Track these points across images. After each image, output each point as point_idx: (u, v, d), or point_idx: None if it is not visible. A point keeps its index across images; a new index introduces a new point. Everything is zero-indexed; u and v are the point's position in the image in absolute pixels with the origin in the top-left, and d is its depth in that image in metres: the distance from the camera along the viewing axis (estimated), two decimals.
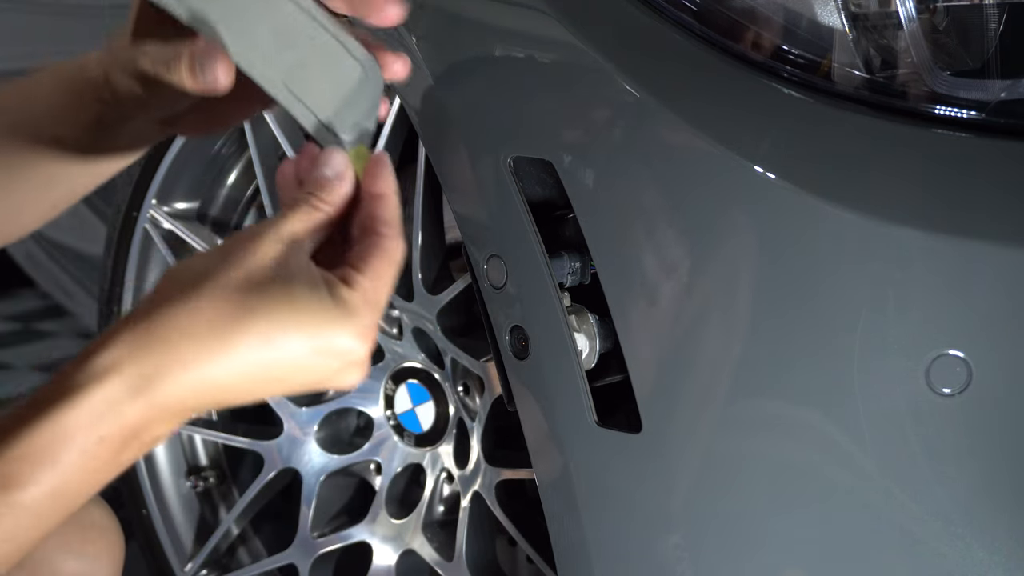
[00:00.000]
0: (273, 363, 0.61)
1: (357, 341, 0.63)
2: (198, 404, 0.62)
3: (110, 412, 0.59)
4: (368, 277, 0.65)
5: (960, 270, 0.75)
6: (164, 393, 0.60)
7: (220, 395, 0.62)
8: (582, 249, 0.91)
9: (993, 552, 0.77)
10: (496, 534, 1.26)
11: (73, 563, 0.98)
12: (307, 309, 0.62)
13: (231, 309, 0.61)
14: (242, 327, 0.60)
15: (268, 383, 0.63)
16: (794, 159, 0.80)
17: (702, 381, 0.84)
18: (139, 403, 0.60)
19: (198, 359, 0.60)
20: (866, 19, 0.82)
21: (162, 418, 0.61)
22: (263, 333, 0.61)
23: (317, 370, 0.63)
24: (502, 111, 0.93)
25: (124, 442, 0.60)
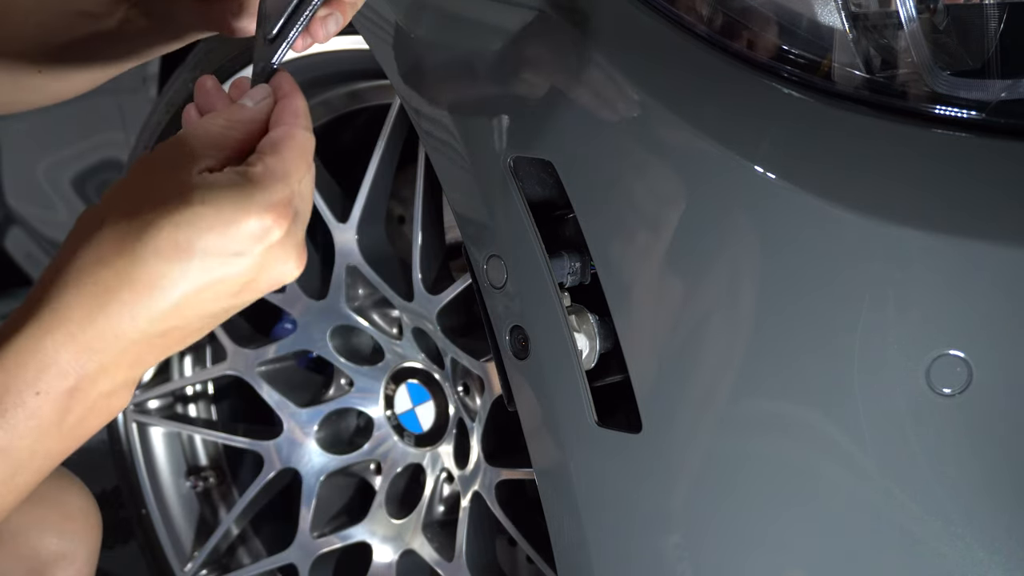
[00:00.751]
0: (193, 271, 0.59)
1: (269, 217, 0.60)
2: (138, 344, 0.59)
3: (42, 365, 0.58)
4: (271, 155, 0.63)
5: (960, 270, 0.75)
6: (98, 336, 0.58)
7: (156, 325, 0.59)
8: (582, 249, 0.91)
9: (993, 552, 0.77)
10: (496, 534, 1.26)
11: (53, 540, 0.99)
12: (205, 201, 0.59)
13: (133, 228, 0.59)
14: (148, 243, 0.58)
15: (198, 297, 0.60)
16: (794, 159, 0.80)
17: (702, 381, 0.84)
18: (77, 357, 0.58)
19: (115, 284, 0.58)
20: (866, 19, 0.82)
21: (104, 369, 0.59)
22: (171, 242, 0.58)
23: (242, 267, 0.60)
24: (502, 111, 0.93)
25: (67, 396, 0.58)
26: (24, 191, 2.39)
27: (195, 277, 0.59)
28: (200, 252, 0.59)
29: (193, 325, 0.61)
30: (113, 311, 0.58)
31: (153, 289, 0.58)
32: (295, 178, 0.62)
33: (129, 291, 0.58)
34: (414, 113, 1.01)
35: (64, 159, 2.17)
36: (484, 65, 0.95)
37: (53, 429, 0.59)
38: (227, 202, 0.59)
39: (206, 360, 1.58)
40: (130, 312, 0.58)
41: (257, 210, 0.60)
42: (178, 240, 0.58)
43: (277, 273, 0.62)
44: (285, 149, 0.63)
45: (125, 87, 1.80)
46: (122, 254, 0.58)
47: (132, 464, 1.55)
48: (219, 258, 0.59)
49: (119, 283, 0.58)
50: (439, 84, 0.97)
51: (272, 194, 0.60)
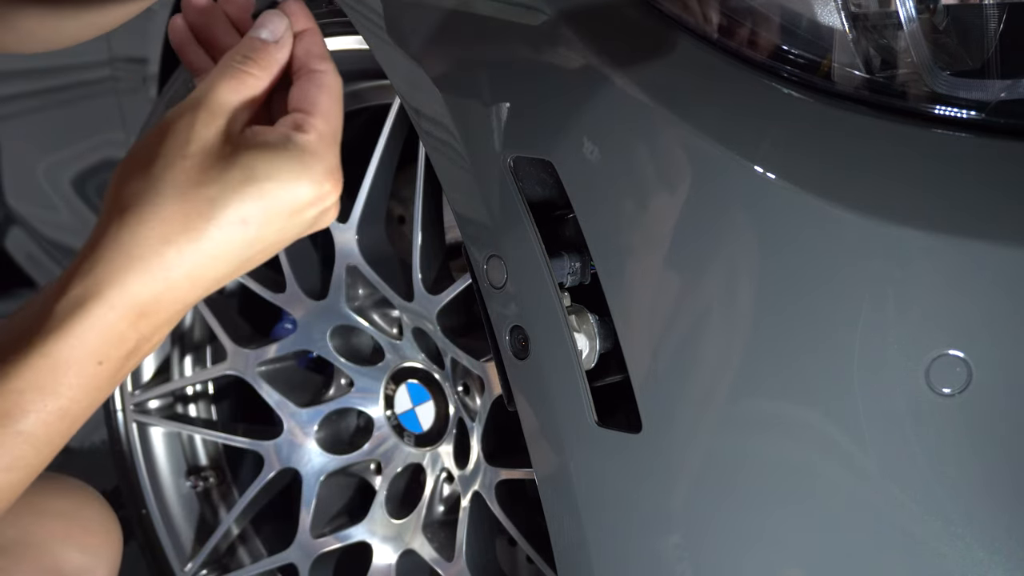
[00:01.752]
0: (255, 240, 0.61)
1: (327, 183, 0.62)
2: (195, 297, 0.62)
3: (105, 338, 0.59)
4: (318, 116, 0.63)
5: (960, 270, 0.75)
6: (156, 305, 0.60)
7: (212, 282, 0.61)
8: (582, 249, 0.91)
9: (993, 552, 0.77)
10: (496, 534, 1.26)
11: (76, 555, 0.99)
12: (269, 175, 0.60)
13: (197, 206, 0.60)
14: (214, 220, 0.60)
15: (253, 257, 0.62)
16: (794, 159, 0.80)
17: (702, 381, 0.84)
18: (136, 325, 0.60)
19: (182, 264, 0.59)
20: (866, 19, 0.82)
21: (158, 329, 0.61)
22: (236, 218, 0.60)
23: (297, 226, 0.63)
24: (502, 111, 0.93)
25: (125, 359, 0.61)
26: (24, 191, 2.39)
27: (255, 242, 0.61)
28: (263, 222, 0.61)
29: (246, 269, 0.63)
30: (177, 285, 0.60)
31: (217, 260, 0.60)
32: (339, 134, 0.64)
33: (194, 266, 0.60)
34: (414, 113, 1.01)
35: (64, 159, 2.17)
36: (484, 65, 0.95)
37: (106, 386, 0.61)
38: (288, 174, 0.61)
39: (206, 360, 1.58)
40: (191, 283, 0.60)
41: (317, 178, 0.61)
42: (244, 216, 0.60)
43: (321, 224, 0.65)
44: (326, 105, 0.64)
45: (125, 87, 1.80)
46: (188, 233, 0.60)
47: (132, 464, 1.55)
48: (278, 223, 0.61)
49: (186, 260, 0.60)
50: (439, 84, 0.97)
51: (327, 160, 0.62)
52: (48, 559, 0.97)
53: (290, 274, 1.34)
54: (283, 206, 0.61)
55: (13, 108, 2.26)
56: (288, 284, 1.34)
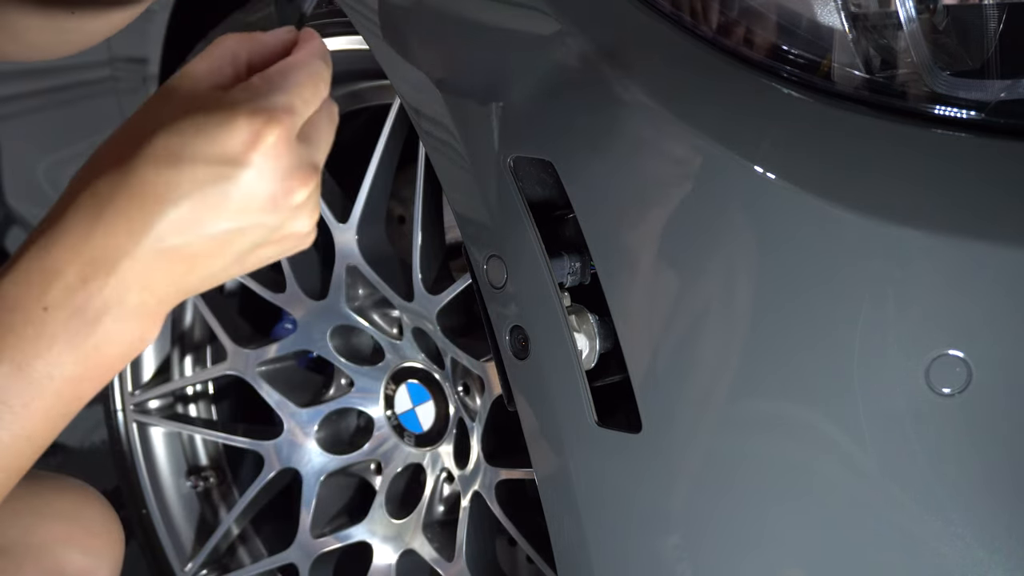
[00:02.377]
0: (185, 178, 0.57)
1: (257, 118, 0.58)
2: (141, 261, 0.57)
3: (46, 277, 0.57)
4: (270, 70, 0.61)
5: (960, 270, 0.75)
6: (92, 244, 0.57)
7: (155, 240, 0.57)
8: (582, 249, 0.91)
9: (993, 552, 0.77)
10: (496, 534, 1.26)
11: (78, 557, 0.99)
12: (202, 109, 0.58)
13: (131, 139, 0.58)
14: (142, 148, 0.57)
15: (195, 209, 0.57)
16: (794, 159, 0.80)
17: (702, 381, 0.84)
18: (72, 262, 0.57)
19: (110, 193, 0.57)
20: (866, 19, 0.82)
21: (109, 285, 0.57)
22: (161, 145, 0.57)
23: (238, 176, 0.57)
24: (502, 111, 0.93)
25: (76, 315, 0.57)
26: (24, 191, 2.40)
27: (188, 185, 0.57)
28: (190, 157, 0.57)
29: (197, 247, 0.59)
30: (110, 220, 0.57)
31: (146, 197, 0.57)
32: (296, 94, 0.60)
33: (124, 198, 0.57)
34: (414, 113, 1.01)
35: (64, 159, 2.17)
36: (484, 65, 0.95)
37: (66, 351, 0.58)
38: (218, 107, 0.58)
39: (206, 360, 1.59)
40: (126, 221, 0.57)
41: (246, 112, 0.58)
42: (169, 145, 0.57)
43: (276, 190, 0.59)
44: (290, 68, 0.61)
45: (125, 87, 1.80)
46: (118, 164, 0.58)
47: (132, 464, 1.55)
48: (211, 166, 0.57)
49: (113, 191, 0.57)
50: (439, 84, 0.97)
51: (265, 99, 0.59)
52: (50, 560, 0.97)
53: (290, 274, 1.34)
54: (208, 140, 0.57)
55: (13, 108, 2.27)
56: (288, 284, 1.34)
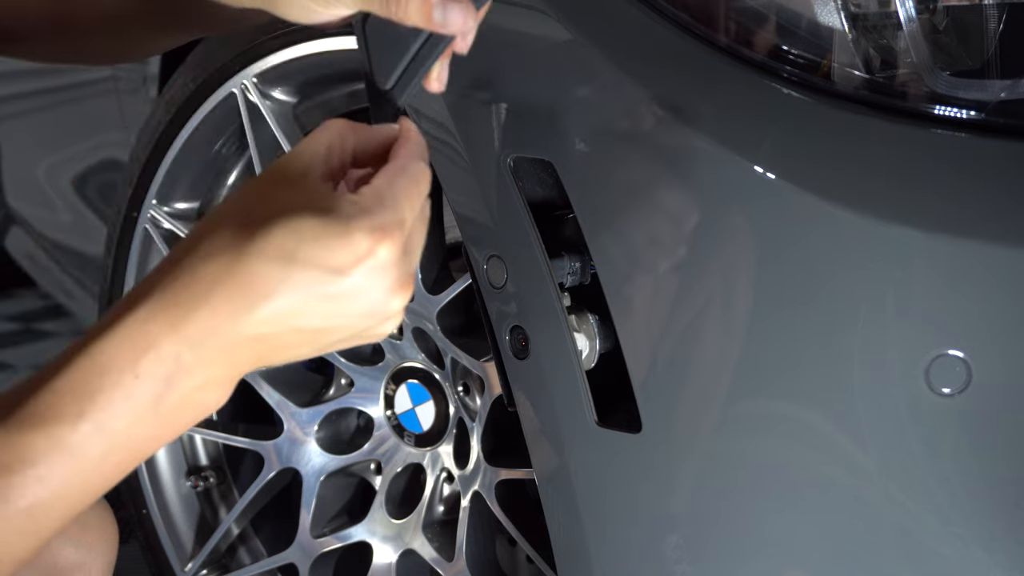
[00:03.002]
0: (293, 278, 0.59)
1: (373, 236, 0.60)
2: (234, 343, 0.60)
3: (140, 345, 0.59)
4: (379, 180, 0.63)
5: (960, 270, 0.75)
6: (193, 323, 0.59)
7: (253, 327, 0.60)
8: (582, 249, 0.91)
9: (993, 552, 0.77)
10: (496, 534, 1.26)
11: (71, 551, 0.99)
12: (318, 214, 0.60)
13: (246, 229, 0.60)
14: (256, 240, 0.59)
15: (294, 307, 0.60)
16: (794, 159, 0.80)
17: (702, 381, 0.84)
18: (170, 336, 0.59)
19: (219, 279, 0.59)
20: (866, 19, 0.82)
21: (201, 360, 0.60)
22: (275, 242, 0.59)
23: (341, 284, 0.60)
24: (502, 111, 0.93)
25: (164, 383, 0.60)
26: (24, 191, 2.40)
27: (294, 285, 0.60)
28: (302, 261, 0.59)
29: (287, 338, 0.62)
30: (214, 304, 0.59)
31: (255, 289, 0.59)
32: (405, 205, 0.63)
33: (232, 286, 0.59)
34: (414, 113, 1.01)
35: (64, 159, 2.17)
36: (484, 65, 0.95)
37: (148, 414, 0.60)
38: (336, 218, 0.60)
39: None
40: (229, 307, 0.59)
41: (363, 229, 0.60)
42: (284, 245, 0.59)
43: (377, 301, 0.62)
44: (396, 177, 0.64)
45: (125, 87, 1.80)
46: (229, 251, 0.60)
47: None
48: (320, 271, 0.60)
49: (223, 278, 0.59)
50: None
51: (379, 217, 0.61)
52: (43, 555, 0.97)
53: None
54: (323, 248, 0.60)
55: (13, 108, 2.27)
56: None
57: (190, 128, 1.37)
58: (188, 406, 0.62)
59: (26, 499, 0.59)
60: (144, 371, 0.59)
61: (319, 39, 1.20)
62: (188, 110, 1.37)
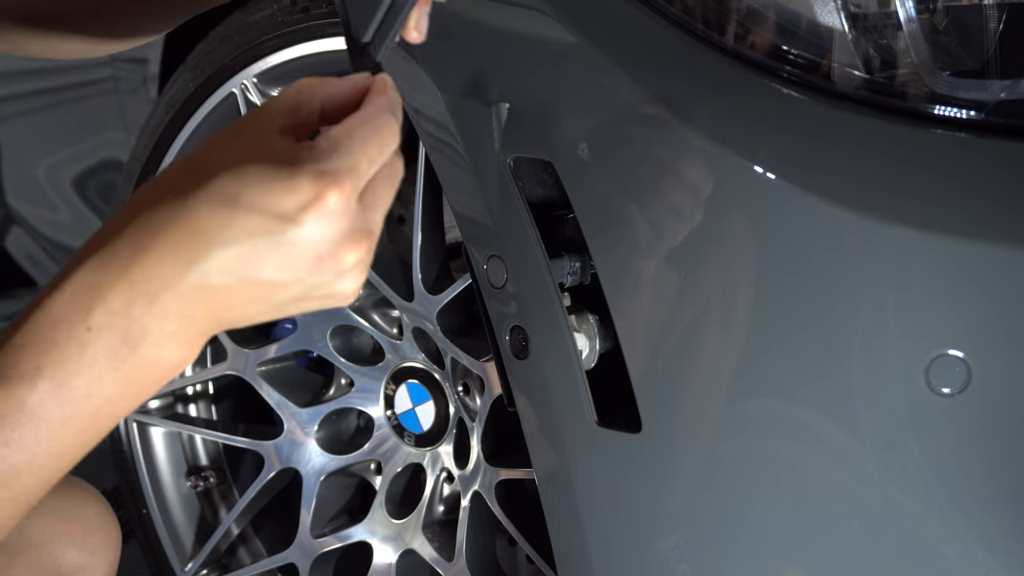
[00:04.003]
0: (237, 224, 0.57)
1: (320, 181, 0.58)
2: (185, 295, 0.58)
3: (91, 296, 0.58)
4: (335, 129, 0.61)
5: (960, 270, 0.75)
6: (139, 272, 0.58)
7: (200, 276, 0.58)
8: (582, 249, 0.91)
9: (993, 552, 0.77)
10: (496, 534, 1.26)
11: (74, 553, 0.99)
12: (265, 159, 0.58)
13: (191, 175, 0.59)
14: (200, 185, 0.58)
15: (242, 256, 0.58)
16: (794, 159, 0.80)
17: (702, 381, 0.84)
18: (116, 286, 0.58)
19: (163, 225, 0.58)
20: (866, 19, 0.82)
21: (152, 312, 0.58)
22: (219, 186, 0.58)
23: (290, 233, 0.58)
24: (502, 111, 0.93)
25: (118, 337, 0.58)
26: (24, 191, 2.40)
27: (237, 231, 0.58)
28: (246, 205, 0.58)
29: (238, 293, 0.60)
30: (159, 251, 0.58)
31: (198, 235, 0.58)
32: (361, 154, 0.60)
33: (175, 231, 0.58)
34: (414, 113, 1.01)
35: (64, 159, 2.17)
36: (484, 65, 0.95)
37: (107, 371, 0.59)
38: (283, 162, 0.58)
39: (206, 360, 1.59)
40: (173, 255, 0.58)
41: (309, 173, 0.58)
42: (227, 189, 0.58)
43: (326, 252, 0.59)
44: (356, 126, 0.61)
45: (125, 87, 1.80)
46: (175, 196, 0.59)
47: (133, 464, 1.55)
48: (264, 217, 0.58)
49: (167, 224, 0.58)
50: (439, 84, 0.97)
51: (328, 162, 0.59)
52: (46, 557, 0.97)
53: None
54: (267, 192, 0.58)
55: (13, 108, 2.27)
56: None
57: (190, 128, 1.37)
58: (148, 364, 0.60)
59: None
60: (96, 323, 0.58)
61: (318, 39, 1.20)
62: (188, 110, 1.37)
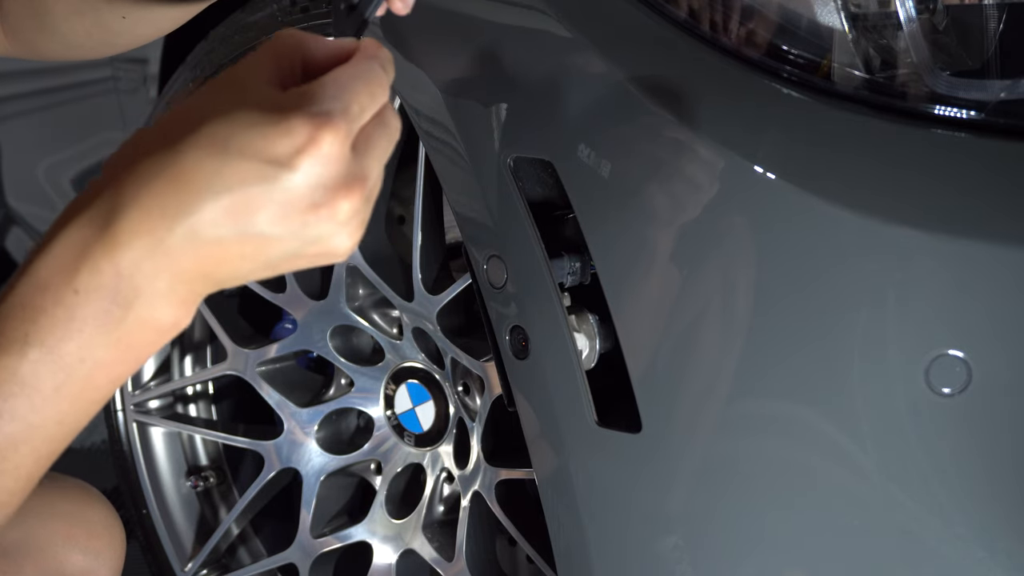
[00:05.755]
0: (228, 171, 0.55)
1: (312, 122, 0.56)
2: (174, 249, 0.56)
3: (76, 257, 0.56)
4: (324, 76, 0.59)
5: (960, 270, 0.75)
6: (126, 227, 0.55)
7: (190, 228, 0.55)
8: (582, 249, 0.91)
9: (993, 552, 0.77)
10: (496, 534, 1.26)
11: (79, 557, 0.99)
12: (256, 105, 0.56)
13: (178, 124, 0.56)
14: (189, 133, 0.55)
15: (234, 206, 0.55)
16: (794, 159, 0.80)
17: (702, 381, 0.84)
18: (105, 242, 0.55)
19: (150, 175, 0.55)
20: (866, 19, 0.82)
21: (140, 270, 0.56)
22: (208, 133, 0.55)
23: (283, 180, 0.55)
24: (502, 111, 0.93)
25: (107, 299, 0.56)
26: (24, 191, 2.40)
27: (230, 178, 0.55)
28: (237, 151, 0.55)
29: (230, 248, 0.57)
30: (145, 203, 0.55)
31: (187, 184, 0.55)
32: (352, 99, 0.58)
33: (162, 182, 0.55)
34: (414, 113, 1.01)
35: (64, 159, 2.17)
36: (484, 65, 0.95)
37: (98, 335, 0.57)
38: (274, 107, 0.56)
39: (207, 360, 1.59)
40: (160, 206, 0.55)
41: (302, 115, 0.56)
42: (216, 134, 0.55)
43: (323, 200, 0.57)
44: (346, 75, 0.59)
45: (125, 87, 1.80)
46: (161, 146, 0.56)
47: (132, 464, 1.55)
48: (257, 163, 0.55)
49: (153, 175, 0.55)
50: (439, 84, 0.97)
51: (320, 104, 0.57)
52: (51, 561, 0.97)
53: (290, 274, 1.34)
54: (258, 136, 0.55)
55: (13, 108, 2.27)
56: (288, 284, 1.34)
57: None
58: (140, 327, 0.57)
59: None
60: (83, 286, 0.56)
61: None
62: None
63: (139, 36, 0.99)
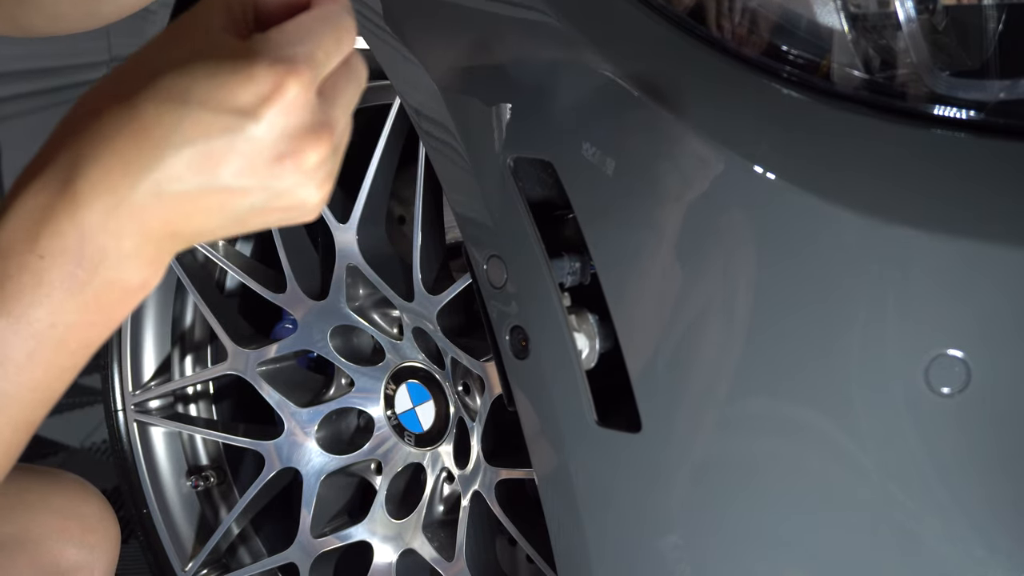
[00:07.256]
0: (189, 121, 0.53)
1: (276, 68, 0.53)
2: (138, 206, 0.54)
3: (38, 220, 0.54)
4: (287, 23, 0.57)
5: (960, 270, 0.75)
6: (86, 184, 0.53)
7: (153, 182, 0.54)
8: (582, 249, 0.91)
9: (993, 552, 0.77)
10: (496, 534, 1.26)
11: (73, 551, 0.99)
12: (215, 53, 0.54)
13: (134, 77, 0.54)
14: (147, 86, 0.54)
15: (198, 157, 0.54)
16: (794, 159, 0.80)
17: (702, 381, 0.84)
18: (66, 203, 0.54)
19: (109, 132, 0.53)
20: (865, 19, 0.82)
21: (105, 230, 0.54)
22: (166, 85, 0.53)
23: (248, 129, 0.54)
24: (502, 111, 0.93)
25: (72, 262, 0.54)
26: None
27: (192, 130, 0.53)
28: (198, 101, 0.53)
29: (196, 202, 0.55)
30: (105, 160, 0.54)
31: (147, 139, 0.53)
32: (316, 45, 0.56)
33: (122, 138, 0.53)
34: (414, 113, 1.01)
35: None
36: (484, 65, 0.95)
37: (67, 299, 0.55)
38: (234, 55, 0.54)
39: (207, 360, 1.59)
40: (121, 163, 0.53)
41: (265, 62, 0.53)
42: (177, 86, 0.53)
43: (289, 150, 0.55)
44: (308, 19, 0.57)
45: None
46: (119, 101, 0.54)
47: (133, 464, 1.55)
48: (220, 114, 0.53)
49: (111, 131, 0.54)
50: (439, 84, 0.97)
51: (283, 50, 0.55)
52: (45, 555, 0.97)
53: (290, 274, 1.34)
54: (219, 86, 0.53)
55: (13, 108, 2.27)
56: (288, 284, 1.34)
57: None
58: (109, 288, 0.56)
59: None
60: (47, 250, 0.54)
61: None
62: None
63: (125, 4, 0.95)
